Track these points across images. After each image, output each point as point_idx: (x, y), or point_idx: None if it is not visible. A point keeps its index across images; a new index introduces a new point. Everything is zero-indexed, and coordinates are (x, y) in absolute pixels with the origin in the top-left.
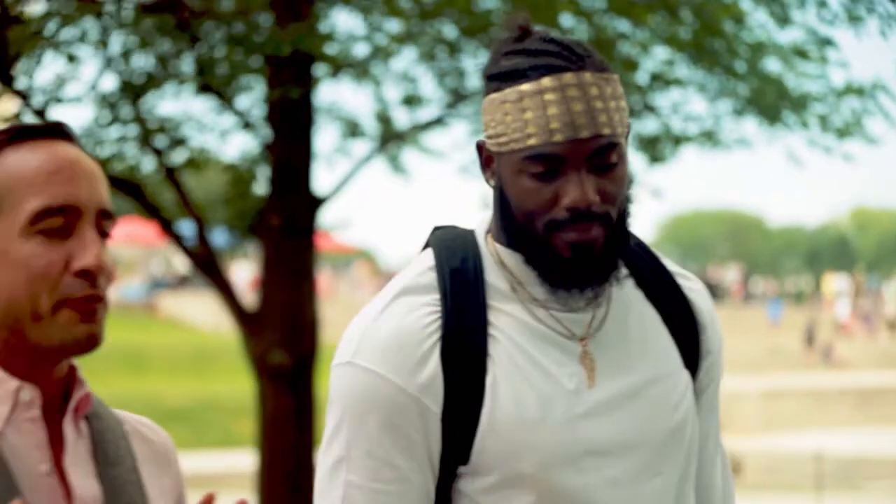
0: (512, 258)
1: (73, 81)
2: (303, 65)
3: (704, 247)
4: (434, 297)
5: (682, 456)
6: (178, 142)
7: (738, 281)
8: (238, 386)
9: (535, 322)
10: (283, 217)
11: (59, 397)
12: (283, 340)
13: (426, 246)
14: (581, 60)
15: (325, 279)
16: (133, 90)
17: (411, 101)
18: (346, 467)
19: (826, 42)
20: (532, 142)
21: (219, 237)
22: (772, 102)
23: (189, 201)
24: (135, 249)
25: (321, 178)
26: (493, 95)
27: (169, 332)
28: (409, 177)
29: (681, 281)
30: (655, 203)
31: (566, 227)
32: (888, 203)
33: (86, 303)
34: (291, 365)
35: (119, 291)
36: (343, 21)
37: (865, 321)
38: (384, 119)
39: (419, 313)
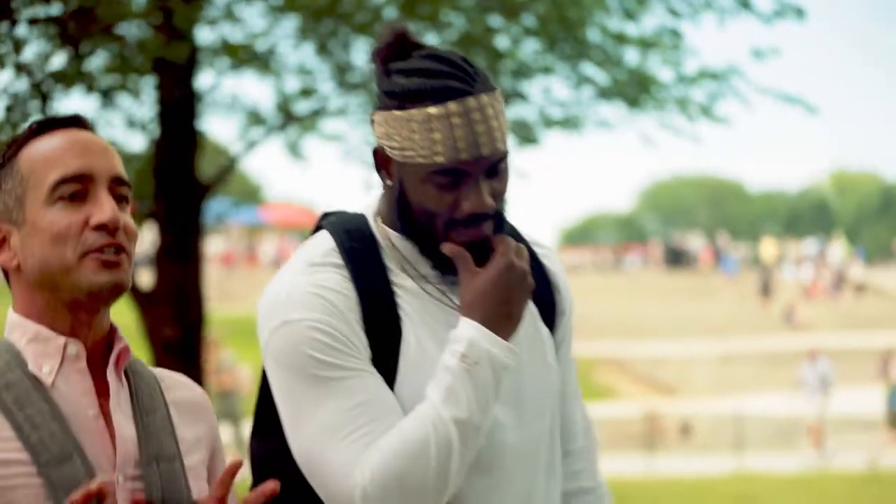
0: (401, 241)
1: None
2: (188, 63)
3: (685, 213)
4: (342, 272)
5: (555, 401)
6: None
7: (706, 247)
8: None
9: (426, 295)
10: (169, 205)
11: (101, 351)
12: (173, 315)
13: (317, 230)
14: (476, 82)
15: (287, 249)
16: (41, 92)
17: (307, 92)
18: (324, 411)
19: (673, 33)
20: (439, 159)
21: None
22: (630, 89)
23: None
24: None
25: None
26: (397, 113)
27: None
28: (305, 160)
29: (536, 249)
30: (635, 169)
31: (464, 227)
32: (868, 166)
33: (106, 252)
34: (180, 337)
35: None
36: (246, 15)
37: (832, 285)
38: (284, 108)
39: (334, 278)
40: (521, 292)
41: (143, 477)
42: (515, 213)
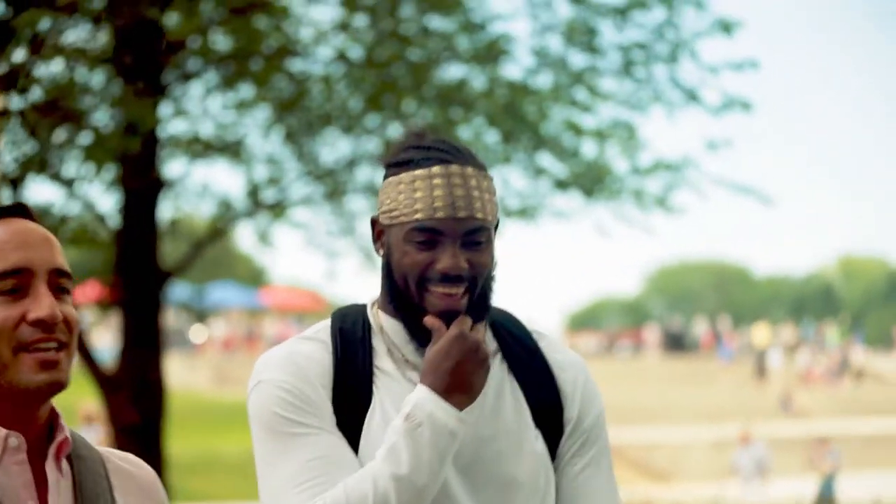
0: (390, 323)
1: None
2: (149, 154)
3: (691, 298)
4: (325, 346)
5: (532, 498)
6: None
7: (708, 332)
8: (200, 443)
9: (405, 380)
10: (131, 292)
11: (42, 440)
12: (134, 400)
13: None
14: (466, 158)
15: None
16: (9, 180)
17: (274, 181)
18: (283, 464)
19: (626, 126)
20: (418, 216)
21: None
22: (585, 180)
23: None
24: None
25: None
26: (391, 179)
27: None
28: (273, 247)
29: (549, 354)
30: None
31: (435, 285)
32: (877, 251)
33: (44, 351)
34: (140, 421)
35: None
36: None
37: (831, 371)
38: (253, 195)
39: (313, 349)
40: (472, 361)
41: None
42: (522, 297)
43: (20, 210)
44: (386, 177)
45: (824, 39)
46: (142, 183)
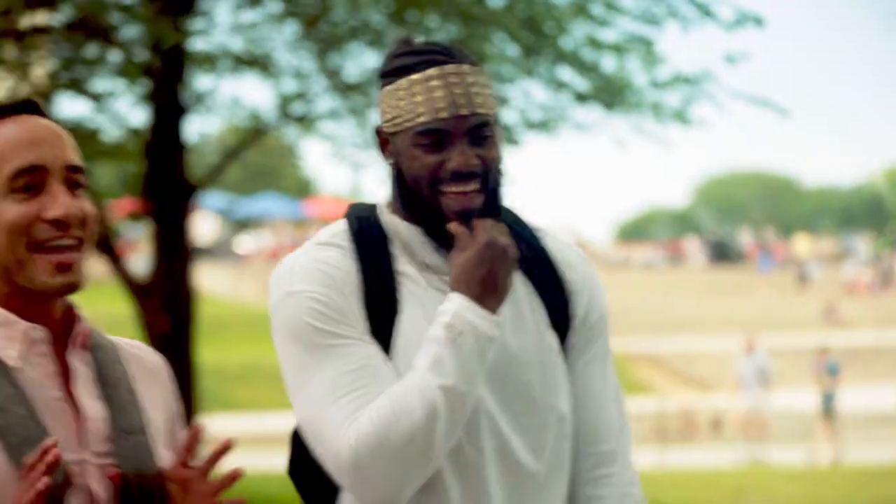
0: (405, 228)
1: None
2: (177, 68)
3: (739, 209)
4: (347, 251)
5: (554, 401)
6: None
7: (752, 243)
8: (247, 352)
9: (425, 283)
10: (160, 204)
11: (61, 331)
12: (164, 308)
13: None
14: (459, 57)
15: None
16: (41, 94)
17: (303, 95)
18: (320, 376)
19: (644, 41)
20: (422, 119)
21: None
22: (605, 94)
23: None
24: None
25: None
26: (388, 88)
27: None
28: (301, 158)
29: (554, 253)
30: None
31: (449, 185)
32: None
33: (59, 251)
34: (170, 330)
35: (136, 264)
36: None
37: (875, 282)
38: (283, 109)
39: (337, 255)
40: (503, 266)
41: (113, 452)
42: (573, 209)
43: (30, 106)
44: (382, 87)
45: None
46: (170, 97)
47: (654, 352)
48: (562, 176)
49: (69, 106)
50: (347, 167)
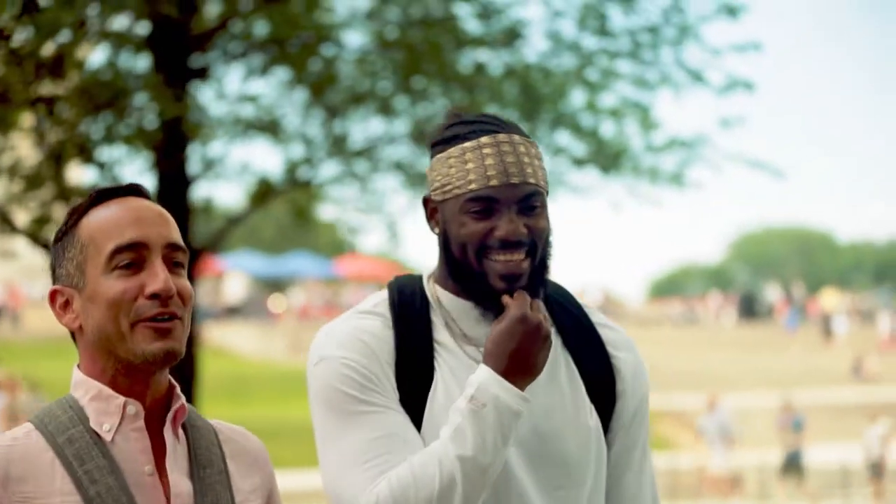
0: (448, 298)
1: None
2: (180, 139)
3: (774, 264)
4: (385, 320)
5: (588, 476)
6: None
7: (781, 298)
8: (273, 410)
9: (463, 355)
10: None
11: (160, 409)
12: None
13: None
14: (511, 127)
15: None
16: (52, 160)
17: (311, 161)
18: (347, 441)
19: (639, 106)
20: (472, 186)
21: None
22: (602, 158)
23: None
24: None
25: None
26: (439, 155)
27: (215, 361)
28: (312, 221)
29: (601, 331)
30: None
31: (496, 252)
32: None
33: (159, 322)
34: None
35: None
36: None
37: None
38: (291, 172)
39: (375, 324)
40: (535, 342)
41: None
42: (607, 267)
43: (135, 189)
44: (433, 156)
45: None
46: (175, 165)
47: (677, 408)
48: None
49: (77, 173)
50: (383, 228)
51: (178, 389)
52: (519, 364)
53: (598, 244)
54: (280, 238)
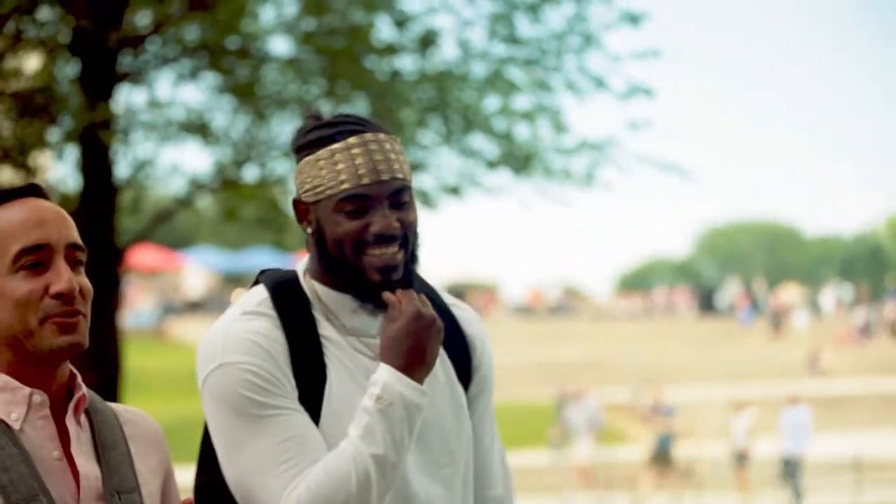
0: (325, 292)
1: None
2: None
3: (741, 259)
4: (274, 320)
5: (464, 449)
6: None
7: (740, 294)
8: None
9: (348, 346)
10: (89, 269)
11: (63, 397)
12: (90, 368)
13: (255, 284)
14: (375, 126)
15: None
16: None
17: (240, 163)
18: (256, 445)
19: (548, 110)
20: (345, 186)
21: None
22: (514, 160)
23: None
24: (146, 276)
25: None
26: (307, 158)
27: (175, 355)
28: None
29: (455, 311)
30: (692, 215)
31: (372, 247)
32: None
33: (64, 318)
34: (96, 386)
35: (130, 317)
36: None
37: (861, 331)
38: (221, 173)
39: (266, 325)
40: (431, 337)
41: None
42: (576, 259)
43: (35, 190)
44: (299, 160)
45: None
46: (98, 168)
47: (632, 402)
48: (564, 228)
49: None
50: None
51: (80, 379)
52: (417, 359)
53: (565, 238)
54: (245, 235)
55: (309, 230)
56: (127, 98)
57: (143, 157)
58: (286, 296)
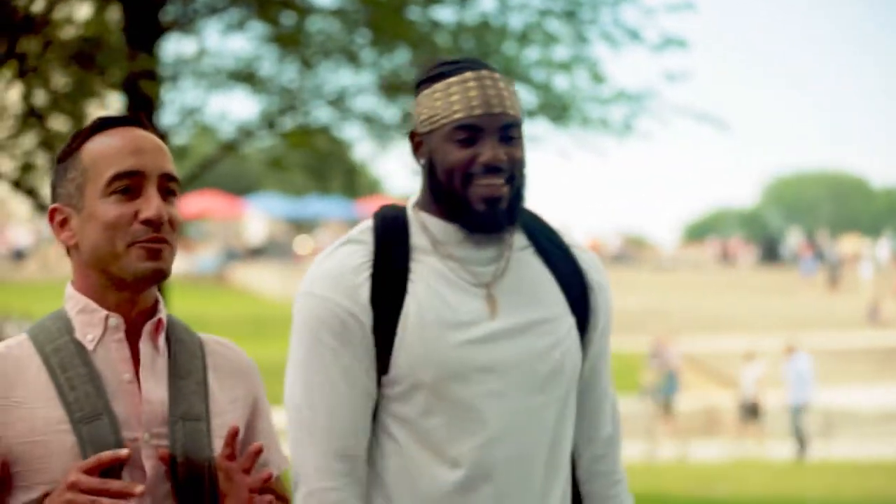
0: (433, 222)
1: None
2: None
3: (808, 209)
4: (368, 247)
5: (562, 383)
6: None
7: (803, 244)
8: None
9: (448, 272)
10: None
11: (143, 324)
12: None
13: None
14: (491, 67)
15: None
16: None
17: (285, 110)
18: (309, 371)
19: (585, 61)
20: (457, 115)
21: None
22: (552, 110)
23: None
24: (210, 222)
25: None
26: (425, 91)
27: (237, 301)
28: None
29: (577, 253)
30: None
31: (480, 178)
32: None
33: (150, 244)
34: None
35: (193, 263)
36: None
37: None
38: (269, 122)
39: (356, 255)
40: None
41: (168, 435)
42: (644, 209)
43: (137, 120)
44: (418, 94)
45: None
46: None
47: (689, 351)
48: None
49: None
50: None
51: (162, 304)
52: None
53: (633, 187)
54: (310, 182)
55: (422, 161)
56: (176, 47)
57: (191, 105)
58: (388, 223)
